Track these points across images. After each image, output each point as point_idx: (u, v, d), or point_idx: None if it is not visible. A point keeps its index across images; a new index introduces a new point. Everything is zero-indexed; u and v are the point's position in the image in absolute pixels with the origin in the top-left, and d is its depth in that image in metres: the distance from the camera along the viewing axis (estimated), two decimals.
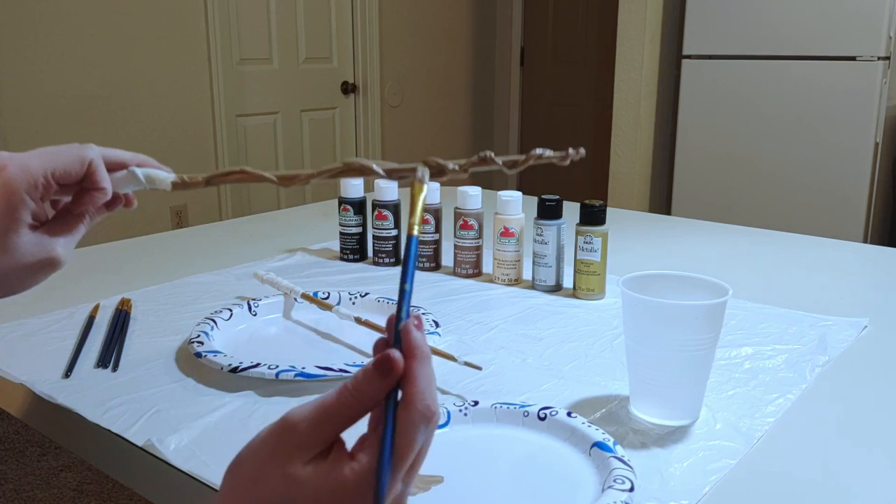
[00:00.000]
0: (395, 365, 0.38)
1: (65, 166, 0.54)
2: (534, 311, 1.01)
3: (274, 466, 0.38)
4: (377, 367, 0.38)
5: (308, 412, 0.38)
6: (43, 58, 2.70)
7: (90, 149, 0.55)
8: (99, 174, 0.56)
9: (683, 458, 0.65)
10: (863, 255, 1.35)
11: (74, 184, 0.55)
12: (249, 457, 0.39)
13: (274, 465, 0.38)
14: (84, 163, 0.55)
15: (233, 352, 0.84)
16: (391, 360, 0.38)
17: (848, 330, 0.94)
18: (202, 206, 3.26)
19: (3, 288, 0.54)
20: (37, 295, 1.07)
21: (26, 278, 0.54)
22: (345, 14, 3.71)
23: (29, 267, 0.54)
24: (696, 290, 0.71)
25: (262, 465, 0.38)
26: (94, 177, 0.55)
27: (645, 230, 1.49)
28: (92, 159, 0.55)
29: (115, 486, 1.95)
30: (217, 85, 3.21)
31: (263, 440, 0.39)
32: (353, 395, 0.38)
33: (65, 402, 0.74)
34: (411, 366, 0.38)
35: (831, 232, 2.75)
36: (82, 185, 0.56)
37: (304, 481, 0.37)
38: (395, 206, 1.19)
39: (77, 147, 0.55)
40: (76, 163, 0.54)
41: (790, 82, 2.90)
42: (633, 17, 3.26)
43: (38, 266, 0.54)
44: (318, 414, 0.38)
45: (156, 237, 1.44)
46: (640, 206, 3.40)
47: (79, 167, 0.54)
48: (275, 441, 0.38)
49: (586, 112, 4.36)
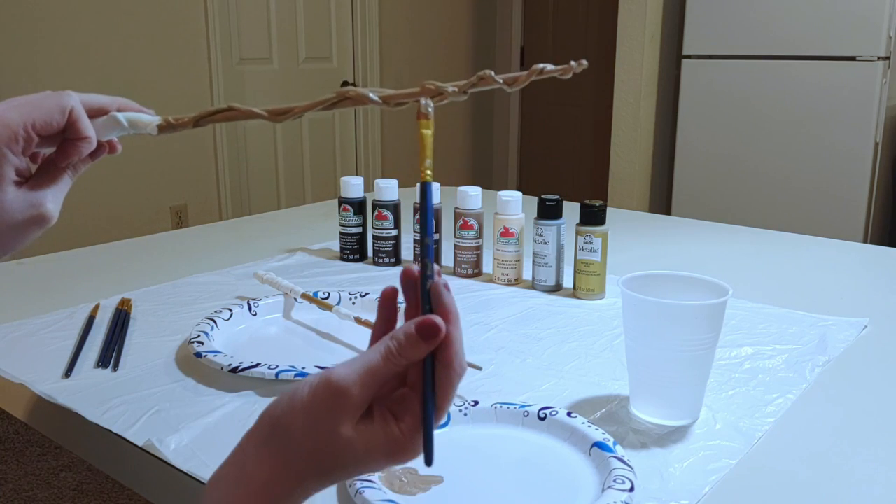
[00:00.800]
0: (439, 331, 0.40)
1: (45, 117, 0.51)
2: (534, 311, 1.01)
3: (328, 433, 0.40)
4: (421, 332, 0.40)
5: (357, 375, 0.40)
6: (43, 58, 2.70)
7: (69, 96, 0.53)
8: (81, 123, 0.53)
9: (683, 458, 0.65)
10: (863, 255, 1.35)
11: (56, 134, 0.53)
12: (297, 420, 0.40)
13: (328, 432, 0.40)
14: (65, 111, 0.52)
15: (233, 352, 0.84)
16: (436, 327, 0.40)
17: (848, 330, 0.94)
18: (202, 206, 3.26)
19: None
20: (37, 295, 1.07)
21: (17, 236, 0.52)
22: (345, 14, 3.71)
23: (19, 225, 0.51)
24: (696, 290, 0.71)
25: (315, 430, 0.40)
26: (77, 125, 0.53)
27: (645, 230, 1.49)
28: (73, 107, 0.52)
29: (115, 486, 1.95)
30: (217, 85, 3.21)
31: (310, 404, 0.40)
32: (399, 357, 0.40)
33: (65, 402, 0.73)
34: (448, 331, 0.40)
35: (831, 232, 2.75)
36: (65, 135, 0.53)
37: (356, 441, 0.40)
38: (395, 206, 1.19)
39: (55, 95, 0.52)
40: (56, 112, 0.52)
41: (790, 82, 2.90)
42: (633, 17, 3.26)
43: (27, 223, 0.52)
44: (367, 377, 0.40)
45: (156, 237, 1.44)
46: (640, 206, 3.40)
47: (59, 116, 0.52)
48: (327, 406, 0.40)
49: (586, 112, 4.36)
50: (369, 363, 0.40)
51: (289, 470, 0.40)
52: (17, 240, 0.52)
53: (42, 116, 0.51)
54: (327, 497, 0.59)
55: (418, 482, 0.60)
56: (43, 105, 0.51)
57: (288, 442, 0.40)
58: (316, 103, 0.50)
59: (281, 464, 0.40)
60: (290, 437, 0.40)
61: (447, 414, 0.41)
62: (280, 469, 0.40)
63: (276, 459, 0.40)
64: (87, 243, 1.34)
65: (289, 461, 0.40)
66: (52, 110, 0.51)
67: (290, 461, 0.40)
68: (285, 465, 0.40)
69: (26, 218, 0.51)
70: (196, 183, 3.22)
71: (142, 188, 3.01)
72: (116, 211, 2.94)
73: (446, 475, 0.61)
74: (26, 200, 0.51)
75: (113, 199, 2.94)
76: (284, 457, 0.40)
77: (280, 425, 0.41)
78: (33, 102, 0.51)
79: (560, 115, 4.45)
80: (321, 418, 0.40)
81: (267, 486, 0.40)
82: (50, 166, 0.54)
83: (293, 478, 0.40)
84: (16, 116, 0.50)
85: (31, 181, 0.52)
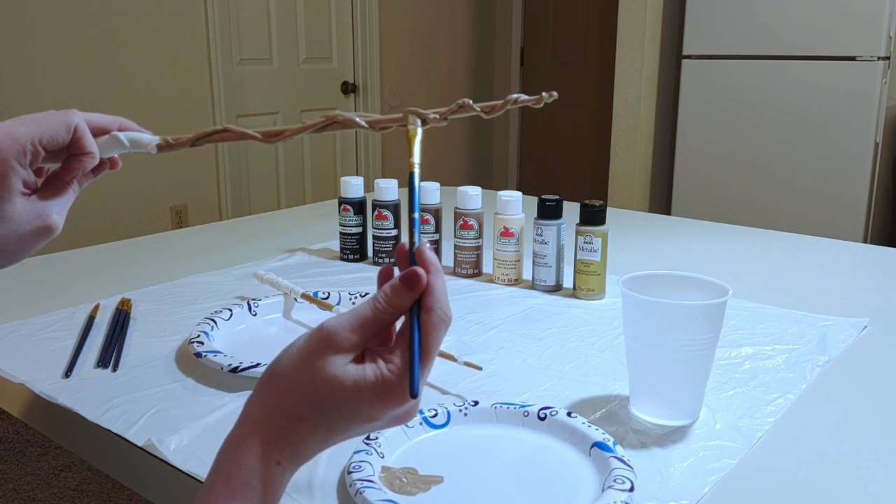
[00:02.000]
0: (420, 279, 0.44)
1: (51, 132, 0.55)
2: (534, 311, 1.01)
3: (318, 369, 0.43)
4: (405, 281, 0.44)
5: (347, 321, 0.44)
6: (43, 58, 2.70)
7: (73, 114, 0.57)
8: (85, 139, 0.57)
9: (683, 458, 0.65)
10: (863, 255, 1.35)
11: (61, 149, 0.56)
12: (291, 364, 0.44)
13: (318, 369, 0.43)
14: (70, 128, 0.56)
15: (233, 352, 0.84)
16: (417, 275, 0.44)
17: (848, 330, 0.94)
18: (202, 206, 3.26)
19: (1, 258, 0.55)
20: (37, 295, 1.07)
21: (23, 246, 0.55)
22: (345, 14, 3.71)
23: (26, 234, 0.55)
24: (696, 290, 0.71)
25: (306, 369, 0.43)
26: (81, 141, 0.57)
27: (645, 230, 1.49)
28: (77, 124, 0.56)
29: (115, 486, 1.95)
30: (217, 85, 3.21)
31: (303, 348, 0.44)
32: (386, 306, 0.44)
33: (65, 402, 0.73)
34: (429, 279, 0.44)
35: (831, 232, 2.75)
36: (70, 150, 0.57)
37: (346, 381, 0.43)
38: (394, 206, 1.19)
39: (61, 113, 0.56)
40: (62, 128, 0.55)
41: (790, 82, 2.90)
42: (633, 17, 3.26)
43: (34, 233, 0.55)
44: (356, 322, 0.44)
45: (156, 237, 1.44)
46: (640, 206, 3.40)
47: (65, 133, 0.56)
48: (317, 347, 0.44)
49: (586, 112, 4.36)
50: (359, 312, 0.44)
51: (281, 407, 0.43)
52: (23, 249, 0.56)
53: (48, 132, 0.55)
54: (327, 497, 0.59)
55: (418, 482, 0.60)
56: (49, 122, 0.55)
57: (282, 383, 0.44)
58: (306, 126, 0.55)
59: (274, 402, 0.44)
60: (283, 378, 0.44)
61: (433, 357, 0.44)
62: (273, 407, 0.44)
63: (269, 398, 0.44)
64: (87, 243, 1.34)
65: (281, 399, 0.44)
66: (57, 126, 0.55)
67: (282, 399, 0.44)
68: (278, 403, 0.44)
69: (33, 228, 0.55)
70: (196, 183, 3.22)
71: (142, 188, 3.01)
72: (116, 211, 2.94)
73: (446, 475, 0.61)
74: (33, 211, 0.55)
75: (113, 200, 2.94)
76: (277, 396, 0.44)
77: (276, 370, 0.45)
78: (40, 119, 0.55)
79: (560, 115, 4.45)
80: (312, 358, 0.43)
81: (260, 422, 0.44)
82: (56, 180, 0.58)
83: (285, 414, 0.43)
84: (24, 132, 0.54)
85: (37, 194, 0.56)
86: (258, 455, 0.43)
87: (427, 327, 0.44)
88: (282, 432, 0.43)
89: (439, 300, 0.44)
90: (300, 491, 0.60)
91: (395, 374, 0.43)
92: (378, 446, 0.63)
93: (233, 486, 0.42)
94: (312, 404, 0.43)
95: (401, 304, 0.44)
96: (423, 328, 0.44)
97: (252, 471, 0.43)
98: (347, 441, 0.46)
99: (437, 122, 0.53)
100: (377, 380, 0.43)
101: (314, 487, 0.60)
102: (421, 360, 0.43)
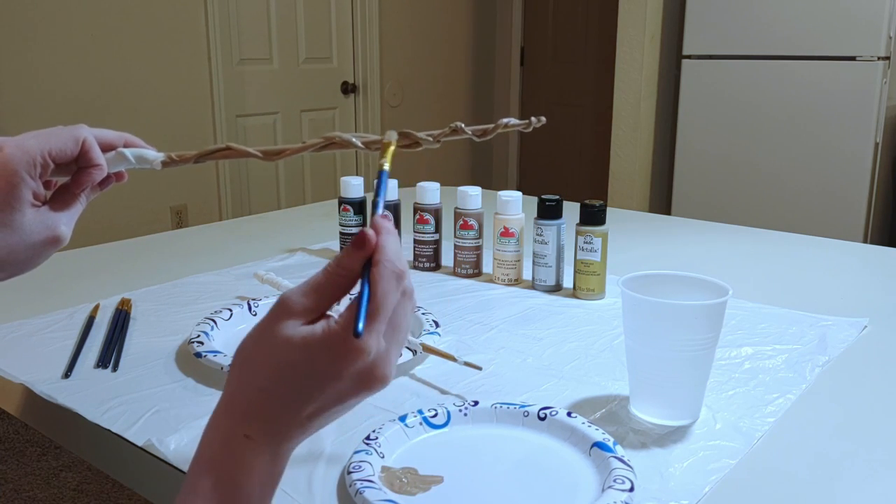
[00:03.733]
0: (369, 238, 0.45)
1: (60, 145, 0.57)
2: (534, 311, 1.00)
3: (272, 335, 0.44)
4: (354, 242, 0.45)
5: (299, 288, 0.45)
6: (43, 58, 2.70)
7: (82, 128, 0.59)
8: (94, 152, 0.59)
9: (683, 458, 0.65)
10: (863, 255, 1.35)
11: (69, 162, 0.58)
12: (251, 337, 0.45)
13: (272, 334, 0.44)
14: (78, 142, 0.58)
15: (233, 352, 0.83)
16: (365, 235, 0.45)
17: (848, 330, 0.94)
18: (202, 206, 3.26)
19: (11, 267, 0.57)
20: (37, 295, 1.07)
21: (32, 256, 0.57)
22: (345, 14, 3.71)
23: (35, 245, 0.56)
24: (696, 290, 0.71)
25: (263, 338, 0.45)
26: (90, 154, 0.59)
27: (645, 230, 1.49)
28: (85, 138, 0.58)
29: (115, 486, 1.95)
30: (217, 85, 3.21)
31: (261, 320, 0.45)
32: (336, 268, 0.45)
33: (65, 402, 0.73)
34: (379, 238, 0.45)
35: (831, 232, 2.74)
36: (79, 163, 0.59)
37: (296, 340, 0.43)
38: (395, 207, 1.19)
39: (70, 127, 0.58)
40: (71, 142, 0.57)
41: (790, 82, 2.90)
42: (633, 17, 3.26)
43: (43, 243, 0.57)
44: (307, 287, 0.45)
45: (156, 237, 1.44)
46: (640, 206, 3.40)
47: (73, 146, 0.58)
48: (271, 316, 0.45)
49: (586, 112, 4.36)
50: (312, 278, 0.46)
51: (243, 380, 0.45)
52: (32, 259, 0.57)
53: (58, 145, 0.57)
54: (327, 497, 0.59)
55: (418, 482, 0.60)
56: (59, 135, 0.57)
57: (245, 356, 0.45)
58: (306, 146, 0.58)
59: (237, 377, 0.45)
60: (244, 352, 0.45)
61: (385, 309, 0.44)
62: (237, 382, 0.45)
63: (233, 375, 0.45)
64: (87, 243, 1.34)
65: (244, 372, 0.45)
66: (67, 140, 0.57)
67: (244, 372, 0.45)
68: (240, 377, 0.45)
69: (42, 238, 0.57)
70: (196, 183, 3.22)
71: (142, 188, 3.01)
72: (117, 211, 2.94)
73: (446, 475, 0.61)
74: (43, 222, 0.57)
75: (113, 200, 2.93)
76: (241, 370, 0.45)
77: (240, 348, 0.46)
78: (50, 133, 0.57)
79: (560, 115, 4.45)
80: (267, 326, 0.45)
81: (226, 398, 0.45)
82: (64, 192, 0.59)
83: (247, 386, 0.44)
84: (34, 144, 0.56)
85: (46, 205, 0.58)
86: (226, 431, 0.44)
87: (374, 277, 0.44)
88: (248, 405, 0.44)
89: (390, 258, 0.45)
90: (300, 491, 0.60)
91: (342, 325, 0.43)
92: (378, 446, 0.63)
93: (201, 464, 0.44)
94: (270, 370, 0.44)
95: (351, 265, 0.45)
96: (371, 278, 0.44)
97: (221, 446, 0.44)
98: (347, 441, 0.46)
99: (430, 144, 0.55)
100: (324, 333, 0.43)
101: (314, 487, 0.60)
102: (369, 308, 0.43)
